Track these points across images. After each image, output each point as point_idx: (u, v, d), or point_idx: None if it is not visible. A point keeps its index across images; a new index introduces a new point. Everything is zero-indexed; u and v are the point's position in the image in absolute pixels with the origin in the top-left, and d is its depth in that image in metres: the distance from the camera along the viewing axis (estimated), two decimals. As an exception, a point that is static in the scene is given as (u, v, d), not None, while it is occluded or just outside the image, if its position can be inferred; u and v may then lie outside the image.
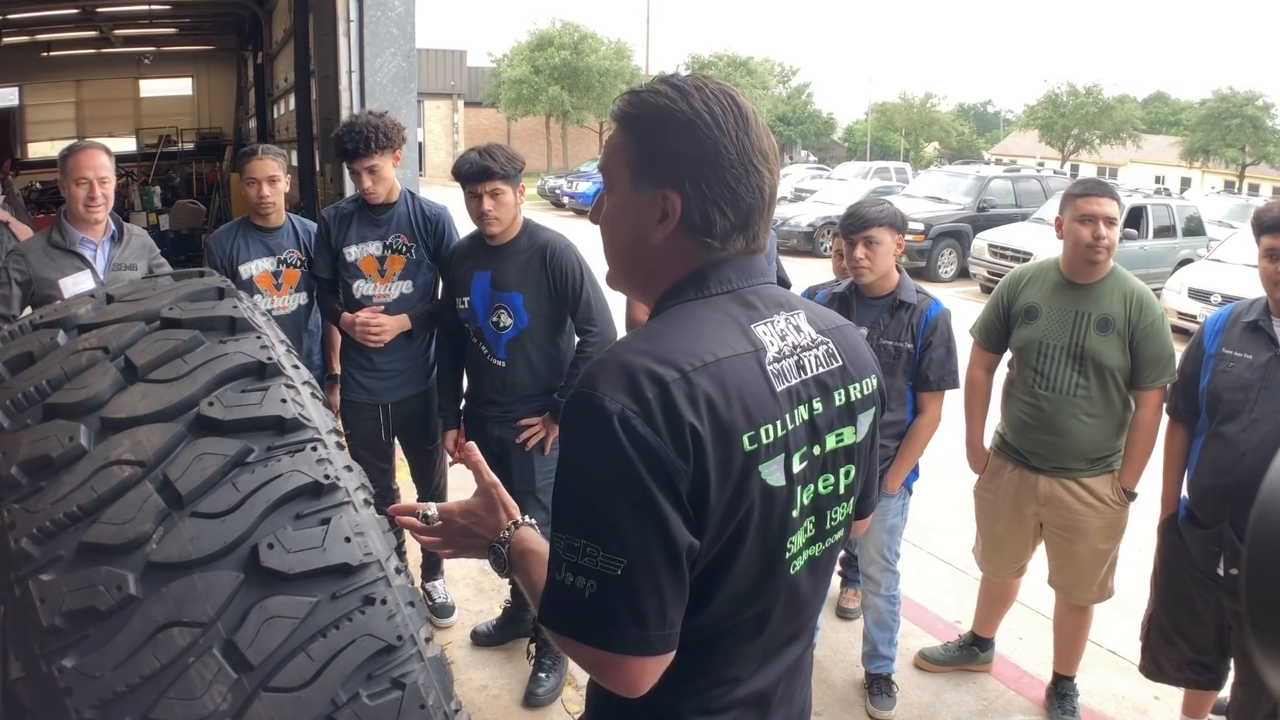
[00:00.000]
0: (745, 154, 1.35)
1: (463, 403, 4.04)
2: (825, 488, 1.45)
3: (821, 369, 1.43)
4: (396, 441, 4.36)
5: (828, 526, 1.47)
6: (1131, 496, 3.68)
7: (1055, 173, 22.34)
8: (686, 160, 1.35)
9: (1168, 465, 3.52)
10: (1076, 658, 3.96)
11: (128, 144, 22.82)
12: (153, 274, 3.97)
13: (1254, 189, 43.56)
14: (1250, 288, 13.33)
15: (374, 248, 4.00)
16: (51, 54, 19.88)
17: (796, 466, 1.37)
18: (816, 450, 1.41)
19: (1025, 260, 14.72)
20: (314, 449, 1.80)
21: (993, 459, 3.94)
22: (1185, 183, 45.94)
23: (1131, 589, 4.16)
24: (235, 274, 4.21)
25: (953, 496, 6.28)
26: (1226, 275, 12.72)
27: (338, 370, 4.39)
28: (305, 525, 1.69)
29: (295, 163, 9.65)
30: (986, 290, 15.51)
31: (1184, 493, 3.45)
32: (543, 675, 3.85)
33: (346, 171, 6.30)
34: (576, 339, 3.83)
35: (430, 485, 4.42)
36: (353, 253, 4.01)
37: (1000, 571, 4.07)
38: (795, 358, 1.40)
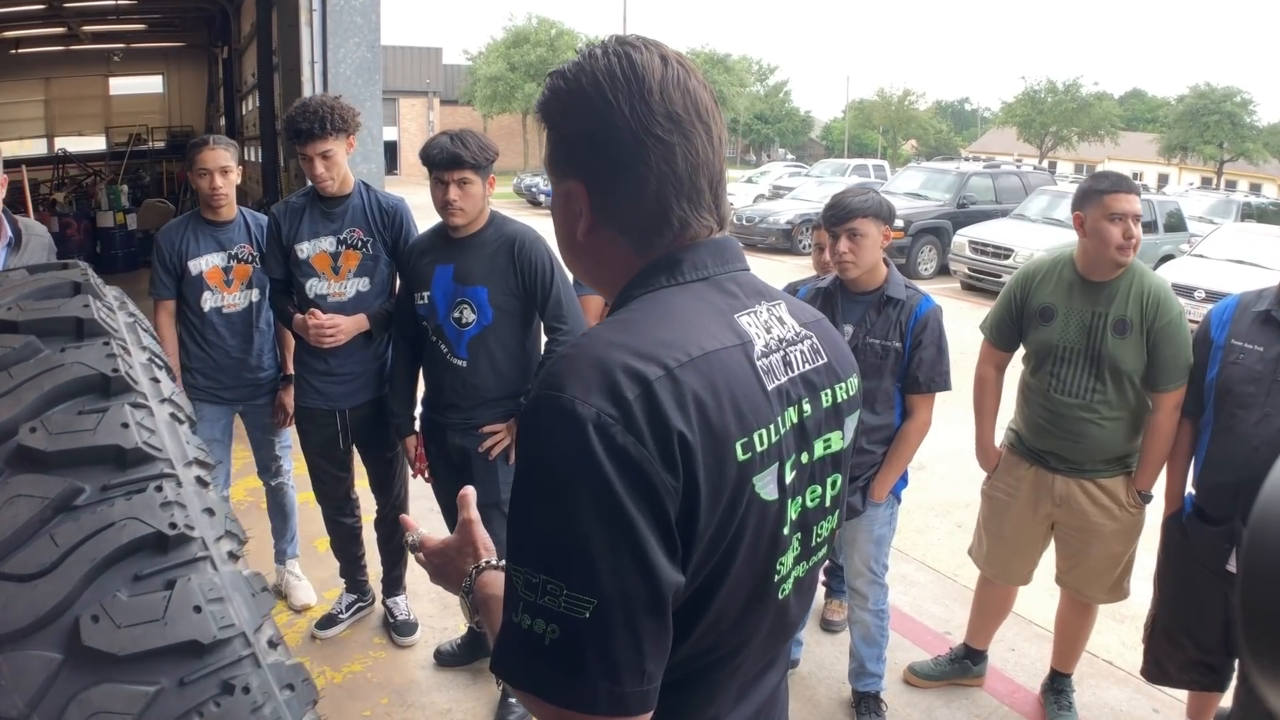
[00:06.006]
0: (643, 124, 1.16)
1: (417, 409, 3.80)
2: (813, 500, 1.27)
3: (808, 366, 1.26)
4: (355, 449, 4.12)
5: (814, 543, 1.29)
6: (1146, 499, 3.58)
7: (1035, 169, 22.28)
8: (580, 145, 1.21)
9: (1172, 461, 3.44)
10: (1076, 656, 3.89)
11: (97, 143, 22.54)
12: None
13: (1231, 185, 43.85)
14: (1233, 283, 13.37)
15: (327, 243, 3.75)
16: (19, 51, 19.54)
17: (788, 477, 1.18)
18: (805, 458, 1.23)
19: (1006, 257, 14.72)
20: (159, 488, 1.45)
21: (1006, 456, 3.79)
22: (1163, 179, 46.29)
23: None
24: (185, 270, 4.02)
25: (938, 500, 6.12)
26: (1209, 270, 12.67)
27: (293, 371, 4.17)
28: (144, 590, 1.34)
29: (260, 159, 9.45)
30: (967, 287, 15.45)
31: (1189, 489, 3.39)
32: (512, 701, 3.60)
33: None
34: (544, 340, 3.60)
35: (390, 495, 4.17)
36: (305, 249, 3.75)
37: (1005, 575, 3.91)
38: (782, 353, 1.22)
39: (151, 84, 23.58)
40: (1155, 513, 3.59)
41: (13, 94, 21.02)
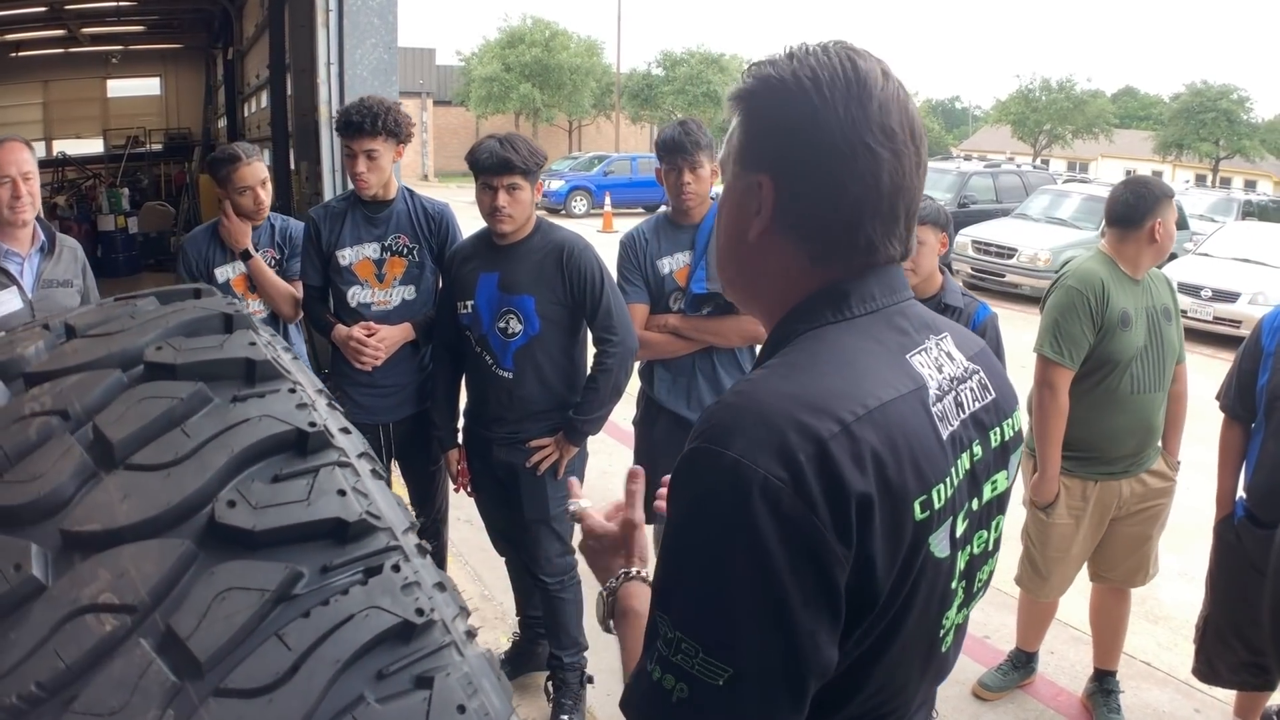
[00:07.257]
0: (857, 130, 1.06)
1: (460, 421, 3.71)
2: (979, 546, 1.19)
3: (977, 404, 1.17)
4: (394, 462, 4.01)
5: (975, 589, 1.22)
6: (1178, 464, 3.77)
7: (1035, 168, 22.23)
8: (781, 138, 1.10)
9: (1223, 465, 3.46)
10: (1119, 650, 3.92)
11: (95, 145, 22.40)
12: (87, 290, 3.53)
13: (1225, 181, 43.87)
14: (1239, 281, 13.25)
15: (371, 250, 3.66)
16: (19, 54, 19.40)
17: (959, 529, 1.11)
18: (975, 505, 1.15)
19: (1010, 256, 14.67)
20: (395, 568, 1.20)
21: (1068, 483, 3.67)
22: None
23: (1160, 596, 4.01)
24: (211, 278, 3.92)
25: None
26: (1216, 269, 12.67)
27: None
28: (391, 690, 1.09)
29: (269, 161, 9.37)
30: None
31: (1240, 493, 3.40)
32: (564, 718, 3.55)
33: (326, 167, 6.06)
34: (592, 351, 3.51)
35: (431, 509, 4.05)
36: (347, 255, 3.65)
37: (1061, 590, 3.90)
38: (954, 394, 1.13)
39: (149, 86, 23.43)
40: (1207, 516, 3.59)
41: (12, 97, 20.86)
